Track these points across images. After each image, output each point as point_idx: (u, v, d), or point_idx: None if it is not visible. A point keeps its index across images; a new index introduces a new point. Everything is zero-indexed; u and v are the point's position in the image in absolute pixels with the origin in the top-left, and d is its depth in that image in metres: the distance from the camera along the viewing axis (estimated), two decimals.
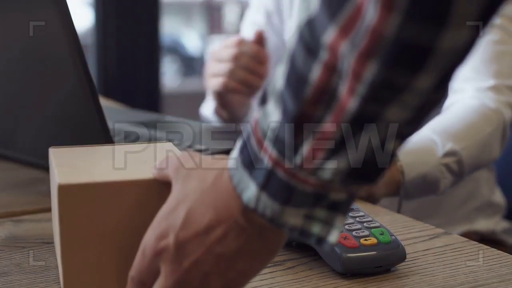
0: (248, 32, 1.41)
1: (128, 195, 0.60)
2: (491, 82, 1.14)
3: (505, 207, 1.34)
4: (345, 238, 0.69)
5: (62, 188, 0.59)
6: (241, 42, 1.18)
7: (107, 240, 0.61)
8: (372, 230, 0.71)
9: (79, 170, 0.64)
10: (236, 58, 1.17)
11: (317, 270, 0.70)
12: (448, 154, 1.03)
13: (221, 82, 1.19)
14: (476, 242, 0.77)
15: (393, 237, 0.71)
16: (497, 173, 1.35)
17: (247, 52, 1.17)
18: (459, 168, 1.05)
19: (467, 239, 0.78)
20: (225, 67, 1.18)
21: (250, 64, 1.17)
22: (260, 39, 1.19)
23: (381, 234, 0.70)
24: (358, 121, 0.46)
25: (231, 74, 1.17)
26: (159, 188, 0.60)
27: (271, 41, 1.40)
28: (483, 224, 1.30)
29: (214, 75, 1.21)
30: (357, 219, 0.73)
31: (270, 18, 1.41)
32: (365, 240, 0.69)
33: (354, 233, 0.70)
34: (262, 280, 0.68)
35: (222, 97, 1.25)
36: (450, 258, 0.73)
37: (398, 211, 0.98)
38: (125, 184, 0.60)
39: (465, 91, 1.15)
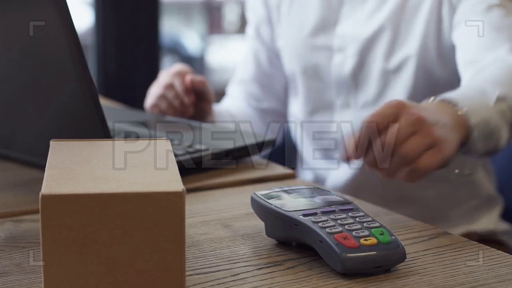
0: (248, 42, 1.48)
1: (111, 207, 0.61)
2: (508, 44, 1.10)
3: (503, 203, 1.34)
4: (345, 238, 0.69)
5: (45, 198, 0.60)
6: (179, 74, 1.31)
7: (89, 250, 0.61)
8: (372, 230, 0.71)
9: (69, 175, 0.64)
10: (169, 86, 1.31)
11: (317, 270, 0.70)
12: (499, 99, 0.97)
13: (152, 103, 1.33)
14: (476, 242, 0.77)
15: (393, 237, 0.71)
16: (496, 174, 1.35)
17: (177, 85, 1.30)
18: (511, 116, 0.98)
19: (467, 239, 0.78)
20: (158, 91, 1.32)
21: (179, 94, 1.30)
22: (189, 88, 1.31)
23: (381, 234, 0.70)
24: None
25: (162, 98, 1.31)
26: (143, 201, 0.61)
27: (262, 56, 1.46)
28: (483, 223, 1.30)
29: (151, 95, 1.34)
30: (357, 219, 0.73)
31: (259, 30, 1.45)
32: (365, 240, 0.69)
33: (354, 233, 0.70)
34: (262, 280, 0.68)
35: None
36: (450, 258, 0.73)
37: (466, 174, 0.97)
38: (108, 196, 0.61)
39: (484, 60, 1.11)
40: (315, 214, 0.73)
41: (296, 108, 1.40)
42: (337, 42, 1.30)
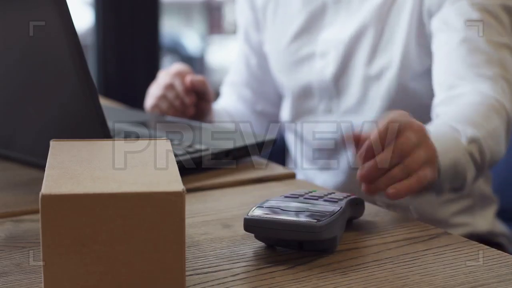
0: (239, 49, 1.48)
1: (111, 207, 0.61)
2: (488, 80, 1.08)
3: (498, 203, 1.33)
4: None
5: (45, 198, 0.60)
6: (178, 74, 1.31)
7: (89, 250, 0.61)
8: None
9: (69, 175, 0.64)
10: (169, 87, 1.30)
11: (317, 270, 0.70)
12: (470, 141, 0.96)
13: (153, 104, 1.32)
14: (476, 242, 0.77)
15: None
16: (494, 175, 1.35)
17: (178, 85, 1.30)
18: (480, 159, 0.98)
19: (467, 239, 0.78)
20: (159, 91, 1.31)
21: (180, 94, 1.29)
22: (189, 88, 1.31)
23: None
24: None
25: (162, 98, 1.31)
26: (143, 201, 0.61)
27: (252, 62, 1.46)
28: (479, 222, 1.29)
29: (151, 96, 1.34)
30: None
31: (247, 34, 1.45)
32: None
33: None
34: (262, 280, 0.68)
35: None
36: (450, 258, 0.73)
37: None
38: (108, 196, 0.61)
39: (459, 88, 1.09)
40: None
41: (284, 112, 1.40)
42: (320, 47, 1.29)
